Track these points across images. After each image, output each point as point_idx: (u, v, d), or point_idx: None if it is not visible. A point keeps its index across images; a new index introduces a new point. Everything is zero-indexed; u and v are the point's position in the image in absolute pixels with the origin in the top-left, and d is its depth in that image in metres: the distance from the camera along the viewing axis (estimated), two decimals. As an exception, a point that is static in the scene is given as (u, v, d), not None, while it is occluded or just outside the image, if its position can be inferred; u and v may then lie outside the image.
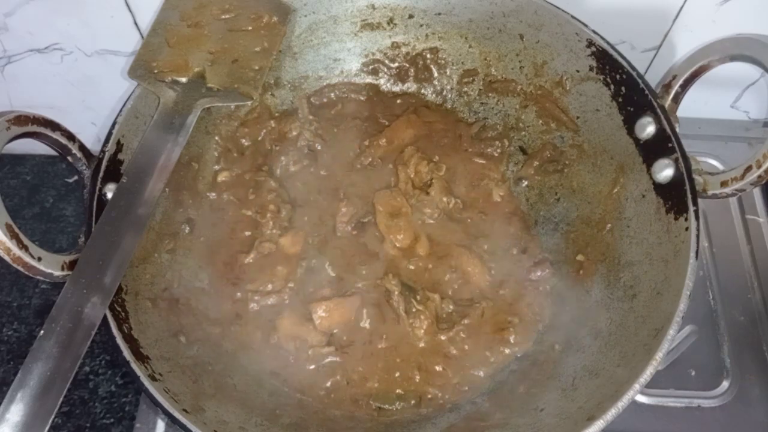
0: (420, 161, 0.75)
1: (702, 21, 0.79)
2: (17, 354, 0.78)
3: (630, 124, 0.65)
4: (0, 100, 0.88)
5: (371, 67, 0.81)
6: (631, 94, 0.65)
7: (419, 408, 0.65)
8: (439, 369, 0.66)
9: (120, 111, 0.64)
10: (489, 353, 0.67)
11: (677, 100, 0.64)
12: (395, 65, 0.81)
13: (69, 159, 0.61)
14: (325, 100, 0.81)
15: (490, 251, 0.73)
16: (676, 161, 0.60)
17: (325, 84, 0.81)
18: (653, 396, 0.73)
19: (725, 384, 0.74)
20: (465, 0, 0.74)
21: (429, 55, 0.80)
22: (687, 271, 0.55)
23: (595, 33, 0.67)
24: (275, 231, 0.72)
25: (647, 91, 0.63)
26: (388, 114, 0.80)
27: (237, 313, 0.68)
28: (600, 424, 0.51)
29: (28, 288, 0.83)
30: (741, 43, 0.57)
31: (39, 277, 0.54)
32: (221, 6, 0.71)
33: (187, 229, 0.71)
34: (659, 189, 0.62)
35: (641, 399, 0.73)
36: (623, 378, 0.54)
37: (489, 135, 0.80)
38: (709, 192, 0.59)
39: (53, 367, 0.49)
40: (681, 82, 0.63)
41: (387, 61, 0.81)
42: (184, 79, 0.67)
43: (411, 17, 0.77)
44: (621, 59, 0.65)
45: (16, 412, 0.47)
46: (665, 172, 0.61)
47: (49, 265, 0.54)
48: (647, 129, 0.63)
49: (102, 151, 0.62)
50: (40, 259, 0.53)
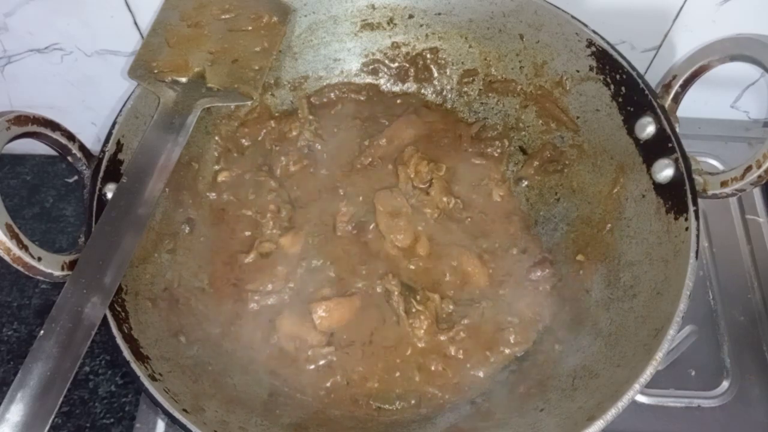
0: (420, 161, 0.75)
1: (702, 21, 0.79)
2: (17, 354, 0.78)
3: (630, 124, 0.65)
4: (0, 100, 0.88)
5: (371, 67, 0.81)
6: (631, 94, 0.65)
7: (419, 408, 0.65)
8: (439, 369, 0.66)
9: (120, 111, 0.64)
10: (489, 353, 0.67)
11: (677, 100, 0.64)
12: (395, 65, 0.81)
13: (69, 159, 0.61)
14: (325, 100, 0.81)
15: (490, 251, 0.73)
16: (676, 161, 0.60)
17: (325, 84, 0.81)
18: (653, 396, 0.73)
19: (725, 384, 0.74)
20: (465, 0, 0.74)
21: (429, 55, 0.80)
22: (687, 271, 0.55)
23: (595, 33, 0.67)
24: (275, 231, 0.72)
25: (647, 91, 0.63)
26: (388, 114, 0.80)
27: (237, 313, 0.68)
28: (600, 424, 0.51)
29: (28, 288, 0.83)
30: (741, 43, 0.57)
31: (39, 277, 0.54)
32: (221, 6, 0.71)
33: (187, 229, 0.71)
34: (659, 189, 0.62)
35: (641, 399, 0.73)
36: (623, 378, 0.54)
37: (489, 135, 0.80)
38: (709, 192, 0.59)
39: (53, 367, 0.49)
40: (681, 82, 0.63)
41: (387, 61, 0.81)
42: (184, 79, 0.67)
43: (411, 17, 0.77)
44: (621, 59, 0.65)
45: (16, 412, 0.47)
46: (665, 172, 0.61)
47: (49, 265, 0.54)
48: (647, 129, 0.63)
49: (102, 151, 0.62)
50: (40, 259, 0.53)
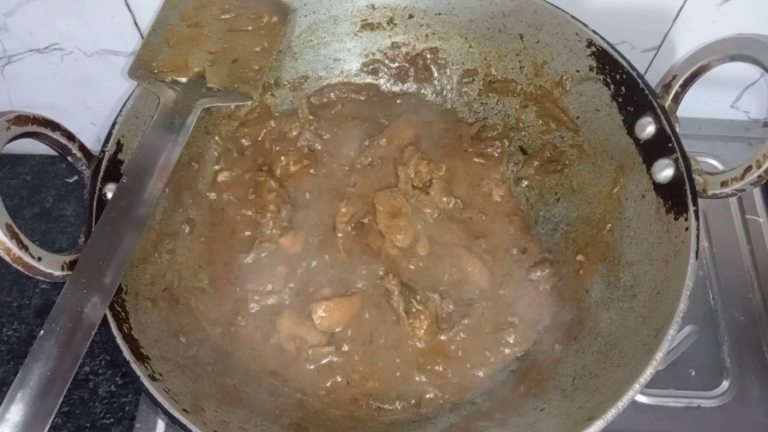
0: (420, 161, 0.75)
1: (702, 21, 0.79)
2: (17, 354, 0.78)
3: (630, 124, 0.65)
4: (0, 100, 0.88)
5: (371, 67, 0.81)
6: (631, 94, 0.65)
7: (419, 408, 0.65)
8: (439, 369, 0.66)
9: (120, 111, 0.64)
10: (489, 353, 0.67)
11: (677, 100, 0.64)
12: (395, 65, 0.81)
13: (69, 159, 0.61)
14: (325, 100, 0.81)
15: (490, 251, 0.73)
16: (676, 161, 0.60)
17: (325, 84, 0.81)
18: (653, 396, 0.73)
19: (725, 384, 0.74)
20: (465, 0, 0.74)
21: (429, 55, 0.80)
22: (687, 271, 0.55)
23: (595, 33, 0.67)
24: (275, 231, 0.72)
25: (647, 91, 0.63)
26: (388, 114, 0.80)
27: (237, 313, 0.68)
28: (600, 424, 0.51)
29: (28, 288, 0.83)
30: (741, 43, 0.57)
31: (39, 277, 0.54)
32: (221, 6, 0.71)
33: (187, 229, 0.71)
34: (659, 189, 0.62)
35: (641, 399, 0.73)
36: (623, 378, 0.54)
37: (489, 135, 0.80)
38: (709, 192, 0.59)
39: (53, 367, 0.49)
40: (681, 82, 0.63)
41: (387, 61, 0.81)
42: (184, 79, 0.67)
43: (411, 17, 0.77)
44: (621, 59, 0.65)
45: (16, 412, 0.47)
46: (665, 172, 0.61)
47: (49, 265, 0.54)
48: (647, 129, 0.63)
49: (102, 151, 0.62)
50: (40, 259, 0.53)
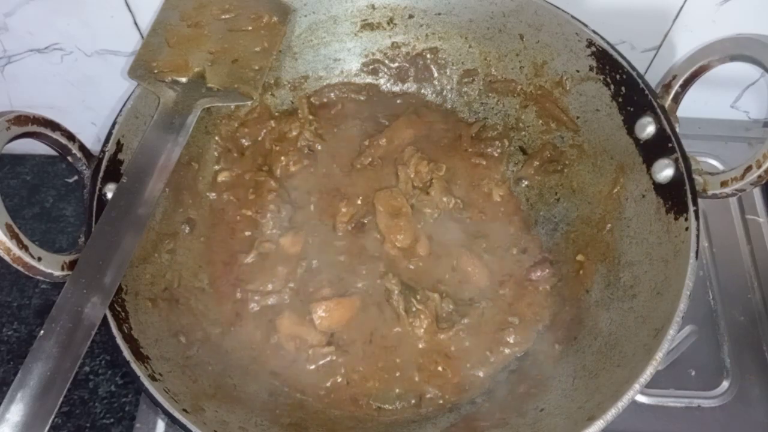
0: (420, 161, 0.75)
1: (702, 21, 0.79)
2: (17, 354, 0.78)
3: (630, 124, 0.65)
4: (0, 100, 0.88)
5: (371, 67, 0.81)
6: (631, 94, 0.65)
7: (419, 408, 0.65)
8: (439, 369, 0.66)
9: (120, 111, 0.64)
10: (489, 353, 0.67)
11: (677, 100, 0.64)
12: (395, 65, 0.81)
13: (69, 159, 0.61)
14: (325, 100, 0.81)
15: (490, 251, 0.73)
16: (676, 161, 0.60)
17: (325, 84, 0.81)
18: (653, 396, 0.73)
19: (725, 384, 0.74)
20: (465, 0, 0.74)
21: (429, 55, 0.80)
22: (687, 271, 0.55)
23: (595, 33, 0.67)
24: (275, 231, 0.72)
25: (647, 91, 0.63)
26: (388, 114, 0.80)
27: (237, 313, 0.68)
28: (600, 424, 0.51)
29: (28, 288, 0.83)
30: (741, 43, 0.57)
31: (39, 277, 0.54)
32: (221, 6, 0.71)
33: (187, 229, 0.71)
34: (659, 189, 0.62)
35: (641, 399, 0.73)
36: (623, 378, 0.54)
37: (489, 135, 0.80)
38: (709, 192, 0.59)
39: (53, 367, 0.49)
40: (681, 82, 0.63)
41: (387, 61, 0.81)
42: (184, 79, 0.67)
43: (411, 17, 0.77)
44: (621, 59, 0.65)
45: (16, 412, 0.47)
46: (665, 172, 0.61)
47: (49, 265, 0.54)
48: (647, 129, 0.63)
49: (102, 151, 0.62)
50: (40, 259, 0.53)
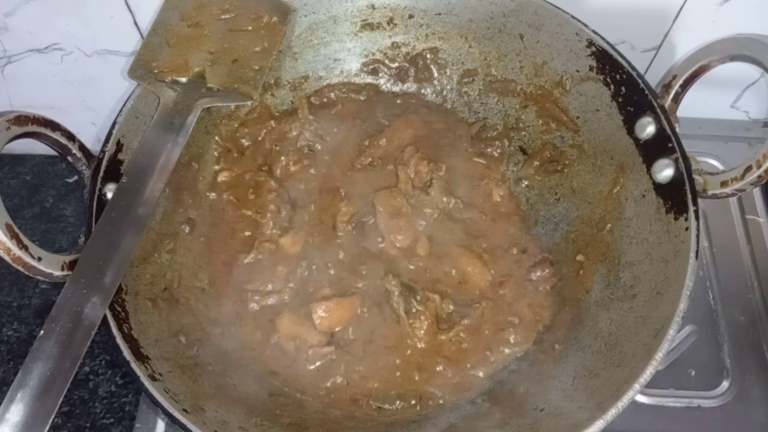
0: (420, 161, 0.75)
1: (702, 21, 0.79)
2: (17, 354, 0.78)
3: (630, 124, 0.65)
4: (0, 100, 0.88)
5: (371, 67, 0.81)
6: (631, 94, 0.65)
7: (419, 408, 0.65)
8: (439, 369, 0.66)
9: (120, 111, 0.64)
10: (489, 353, 0.67)
11: (677, 100, 0.64)
12: (395, 65, 0.81)
13: (69, 159, 0.61)
14: (325, 100, 0.81)
15: (490, 251, 0.73)
16: (676, 161, 0.60)
17: (325, 84, 0.81)
18: (653, 396, 0.73)
19: (725, 384, 0.74)
20: (465, 0, 0.74)
21: (429, 55, 0.80)
22: (687, 271, 0.55)
23: (595, 33, 0.67)
24: (275, 231, 0.72)
25: (647, 91, 0.63)
26: (388, 114, 0.80)
27: (237, 313, 0.68)
28: (600, 424, 0.51)
29: (28, 288, 0.83)
30: (741, 43, 0.57)
31: (39, 277, 0.54)
32: (221, 6, 0.71)
33: (187, 229, 0.71)
34: (659, 189, 0.62)
35: (641, 399, 0.73)
36: (623, 378, 0.54)
37: (489, 135, 0.80)
38: (709, 192, 0.59)
39: (53, 367, 0.49)
40: (681, 82, 0.63)
41: (387, 61, 0.81)
42: (184, 79, 0.67)
43: (411, 17, 0.77)
44: (621, 59, 0.65)
45: (16, 412, 0.47)
46: (665, 172, 0.61)
47: (49, 265, 0.54)
48: (647, 129, 0.63)
49: (102, 151, 0.62)
50: (40, 259, 0.53)
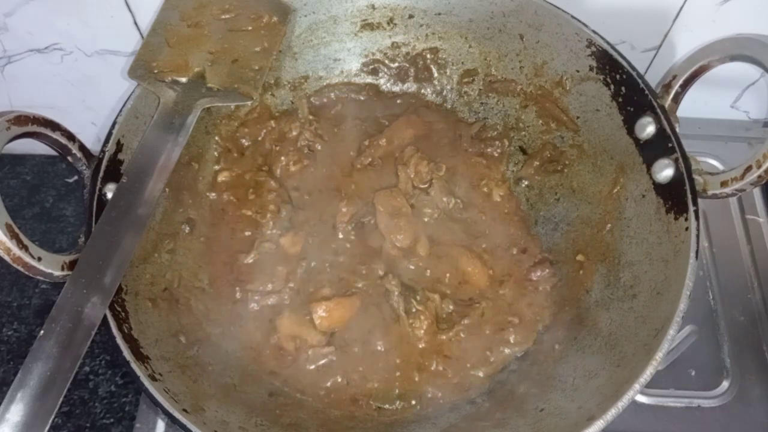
0: (420, 161, 0.75)
1: (702, 21, 0.79)
2: (17, 354, 0.78)
3: (630, 124, 0.65)
4: (0, 100, 0.88)
5: (371, 67, 0.81)
6: (631, 94, 0.65)
7: (419, 408, 0.65)
8: (439, 369, 0.66)
9: (120, 111, 0.64)
10: (489, 353, 0.67)
11: (677, 100, 0.64)
12: (395, 65, 0.81)
13: (69, 159, 0.61)
14: (325, 100, 0.81)
15: (490, 251, 0.73)
16: (676, 161, 0.60)
17: (325, 84, 0.81)
18: (653, 396, 0.73)
19: (725, 384, 0.74)
20: (465, 0, 0.74)
21: (429, 55, 0.80)
22: (687, 271, 0.55)
23: (595, 33, 0.67)
24: (275, 231, 0.72)
25: (647, 91, 0.63)
26: (388, 114, 0.80)
27: (237, 313, 0.68)
28: (600, 424, 0.51)
29: (28, 288, 0.83)
30: (741, 43, 0.57)
31: (39, 277, 0.54)
32: (221, 6, 0.71)
33: (187, 229, 0.71)
34: (659, 189, 0.62)
35: (641, 399, 0.73)
36: (623, 378, 0.54)
37: (489, 135, 0.80)
38: (709, 192, 0.59)
39: (53, 367, 0.49)
40: (681, 82, 0.63)
41: (387, 61, 0.81)
42: (184, 79, 0.67)
43: (411, 17, 0.77)
44: (621, 59, 0.65)
45: (16, 412, 0.47)
46: (665, 172, 0.61)
47: (49, 265, 0.54)
48: (647, 129, 0.63)
49: (102, 151, 0.62)
50: (40, 259, 0.53)
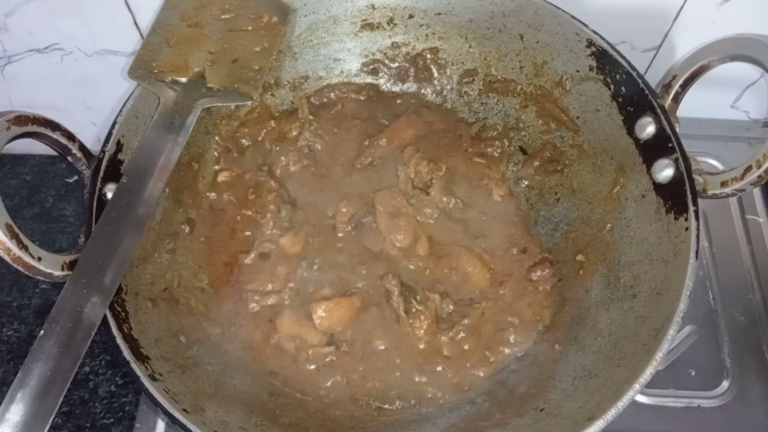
0: (420, 161, 0.75)
1: (702, 21, 0.79)
2: (17, 354, 0.78)
3: (630, 124, 0.65)
4: (0, 100, 0.88)
5: (371, 67, 0.81)
6: (631, 94, 0.65)
7: (419, 408, 0.65)
8: (439, 369, 0.66)
9: (120, 111, 0.64)
10: (489, 353, 0.67)
11: (677, 100, 0.64)
12: (395, 65, 0.81)
13: (69, 159, 0.61)
14: (325, 100, 0.81)
15: (490, 251, 0.73)
16: (676, 161, 0.60)
17: (325, 84, 0.81)
18: (653, 396, 0.73)
19: (725, 384, 0.74)
20: (465, 0, 0.74)
21: (429, 55, 0.80)
22: (687, 271, 0.55)
23: (595, 33, 0.67)
24: (275, 231, 0.72)
25: (647, 91, 0.63)
26: (388, 114, 0.80)
27: (237, 313, 0.68)
28: (600, 424, 0.51)
29: (28, 288, 0.83)
30: (741, 43, 0.57)
31: (39, 277, 0.54)
32: (221, 6, 0.71)
33: (187, 229, 0.71)
34: (659, 189, 0.62)
35: (641, 399, 0.73)
36: (623, 378, 0.54)
37: (489, 135, 0.80)
38: (709, 192, 0.59)
39: (53, 367, 0.49)
40: (681, 82, 0.63)
41: (387, 61, 0.81)
42: (184, 79, 0.67)
43: (411, 17, 0.77)
44: (621, 59, 0.65)
45: (16, 412, 0.47)
46: (665, 172, 0.61)
47: (49, 265, 0.54)
48: (647, 129, 0.63)
49: (102, 151, 0.62)
50: (40, 259, 0.53)
